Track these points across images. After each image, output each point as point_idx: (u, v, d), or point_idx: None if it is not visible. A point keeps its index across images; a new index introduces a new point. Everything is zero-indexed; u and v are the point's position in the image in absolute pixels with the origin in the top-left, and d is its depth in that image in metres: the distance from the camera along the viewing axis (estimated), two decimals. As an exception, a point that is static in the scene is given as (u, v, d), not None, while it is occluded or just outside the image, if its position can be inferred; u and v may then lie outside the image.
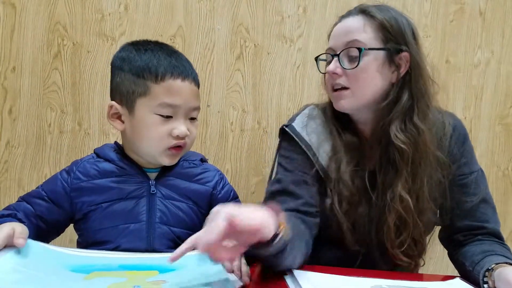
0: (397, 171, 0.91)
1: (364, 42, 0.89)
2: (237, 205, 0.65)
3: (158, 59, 0.85)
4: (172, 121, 0.86)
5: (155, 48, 0.89)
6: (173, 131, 0.85)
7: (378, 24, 0.90)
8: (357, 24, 0.91)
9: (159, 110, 0.84)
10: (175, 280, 0.69)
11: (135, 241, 0.87)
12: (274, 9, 1.49)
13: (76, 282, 0.67)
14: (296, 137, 0.98)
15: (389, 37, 0.90)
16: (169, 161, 0.90)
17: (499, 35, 1.55)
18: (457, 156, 0.96)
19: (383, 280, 0.83)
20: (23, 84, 1.43)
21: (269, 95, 1.52)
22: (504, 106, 1.56)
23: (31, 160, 1.45)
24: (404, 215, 0.90)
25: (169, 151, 0.88)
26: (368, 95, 0.91)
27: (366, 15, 0.91)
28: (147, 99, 0.85)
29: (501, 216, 1.51)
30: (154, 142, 0.86)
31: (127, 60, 0.87)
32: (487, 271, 0.81)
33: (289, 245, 0.76)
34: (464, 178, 0.96)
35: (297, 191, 0.93)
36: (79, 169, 0.91)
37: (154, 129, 0.85)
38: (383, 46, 0.90)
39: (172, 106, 0.84)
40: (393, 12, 0.92)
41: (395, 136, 0.90)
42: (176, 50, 0.92)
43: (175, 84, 0.84)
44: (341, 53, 0.91)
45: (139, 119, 0.86)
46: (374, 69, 0.90)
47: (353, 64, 0.90)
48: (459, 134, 0.98)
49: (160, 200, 0.90)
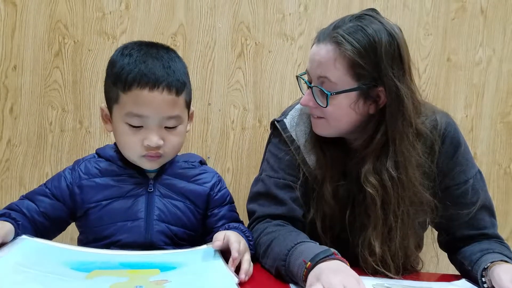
0: (368, 214, 0.87)
1: (334, 82, 0.84)
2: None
3: (131, 66, 0.81)
4: (143, 131, 0.83)
5: (140, 51, 0.85)
6: (144, 142, 0.83)
7: (350, 61, 0.81)
8: (328, 58, 0.83)
9: (127, 119, 0.82)
10: (178, 279, 0.69)
11: (133, 237, 0.88)
12: (275, 7, 1.49)
13: (78, 281, 0.66)
14: (286, 138, 0.97)
15: (361, 74, 0.82)
16: (149, 166, 0.89)
17: (500, 33, 1.54)
18: (450, 166, 0.93)
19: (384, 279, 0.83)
20: (24, 82, 1.43)
21: (270, 93, 1.51)
22: (505, 104, 1.56)
23: (32, 158, 1.45)
24: (377, 265, 0.86)
25: (146, 158, 0.86)
26: (344, 126, 0.89)
27: (338, 46, 0.82)
28: (118, 107, 0.83)
29: (502, 214, 1.53)
30: (128, 150, 0.87)
31: (111, 64, 0.87)
32: (484, 270, 0.81)
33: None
34: (460, 187, 0.93)
35: (280, 195, 0.94)
36: (80, 168, 0.93)
37: (125, 138, 0.85)
38: (355, 86, 0.83)
39: (139, 116, 0.81)
40: (373, 31, 0.81)
41: (365, 178, 0.85)
42: (163, 54, 0.86)
43: (141, 94, 0.80)
44: (313, 88, 0.88)
45: (114, 125, 0.87)
46: (346, 105, 0.85)
47: (323, 102, 0.86)
48: (451, 144, 0.93)
49: (158, 199, 0.91)
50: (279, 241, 0.83)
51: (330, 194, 0.91)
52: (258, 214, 0.95)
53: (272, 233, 0.87)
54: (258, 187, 0.98)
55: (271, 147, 1.02)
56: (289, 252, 0.77)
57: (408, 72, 0.85)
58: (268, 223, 0.92)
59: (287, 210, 0.93)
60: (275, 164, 0.98)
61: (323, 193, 0.92)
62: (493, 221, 0.95)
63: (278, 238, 0.84)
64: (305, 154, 0.96)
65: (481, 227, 0.93)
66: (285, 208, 0.93)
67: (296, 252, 0.76)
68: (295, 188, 0.94)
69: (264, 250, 0.86)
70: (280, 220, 0.93)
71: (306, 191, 0.96)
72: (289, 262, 0.76)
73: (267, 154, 1.03)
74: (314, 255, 0.71)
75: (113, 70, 0.85)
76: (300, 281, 0.72)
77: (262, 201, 0.96)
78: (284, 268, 0.77)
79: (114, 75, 0.84)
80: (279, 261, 0.79)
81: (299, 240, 0.79)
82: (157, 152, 0.85)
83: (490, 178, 1.55)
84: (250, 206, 0.98)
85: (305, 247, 0.76)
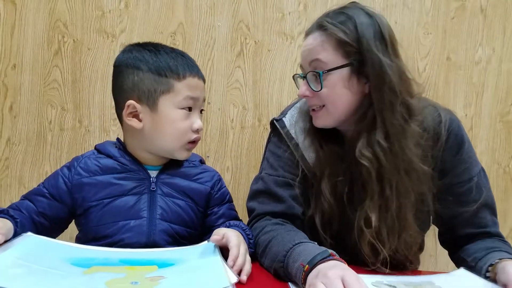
0: (365, 189, 0.88)
1: (325, 61, 0.86)
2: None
3: (174, 59, 0.91)
4: (191, 116, 0.92)
5: (166, 49, 0.94)
6: (193, 126, 0.92)
7: (336, 40, 0.85)
8: (316, 42, 0.88)
9: (183, 103, 0.90)
10: (173, 276, 0.69)
11: (136, 236, 0.88)
12: (274, 6, 1.49)
13: (76, 276, 0.67)
14: (285, 136, 0.98)
15: (350, 51, 0.85)
16: (185, 155, 0.95)
17: (500, 33, 1.54)
18: (453, 163, 0.93)
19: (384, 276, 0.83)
20: (24, 81, 1.43)
21: (270, 92, 1.51)
22: (505, 104, 1.56)
23: (31, 157, 1.45)
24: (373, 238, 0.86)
25: (187, 145, 0.93)
26: (341, 110, 0.89)
27: (323, 31, 0.87)
28: (171, 96, 0.89)
29: (501, 213, 1.53)
30: (176, 137, 0.91)
31: (143, 60, 0.90)
32: (490, 265, 0.80)
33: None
34: (464, 185, 0.93)
35: (279, 192, 0.94)
36: (80, 165, 0.92)
37: (177, 124, 0.90)
38: (345, 62, 0.85)
39: (193, 99, 0.91)
40: (354, 13, 0.86)
41: (359, 152, 0.87)
42: (183, 52, 0.97)
43: (193, 81, 0.92)
44: (307, 74, 0.89)
45: (162, 115, 0.90)
46: (341, 86, 0.87)
47: (318, 85, 0.88)
48: (455, 141, 0.93)
49: (160, 197, 0.92)
50: (277, 241, 0.83)
51: (328, 190, 0.91)
52: (258, 211, 0.95)
53: (270, 232, 0.87)
54: (257, 185, 0.99)
55: (271, 146, 1.02)
56: (287, 253, 0.77)
57: (392, 48, 0.87)
58: (267, 221, 0.92)
59: (287, 207, 0.94)
60: (274, 162, 0.98)
61: (322, 189, 0.92)
62: (494, 219, 0.95)
63: (276, 238, 0.84)
64: (304, 151, 0.96)
65: (483, 225, 0.93)
66: (285, 205, 0.94)
67: (294, 254, 0.76)
68: (295, 186, 0.95)
69: (262, 250, 0.86)
70: (279, 217, 0.93)
71: (305, 188, 0.96)
72: (287, 264, 0.76)
73: (267, 153, 1.04)
74: (311, 258, 0.70)
75: (155, 64, 0.90)
76: (299, 283, 0.72)
77: (261, 199, 0.96)
78: (282, 270, 0.77)
79: (160, 68, 0.89)
80: (278, 263, 0.79)
81: (297, 241, 0.79)
82: (200, 136, 0.95)
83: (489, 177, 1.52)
84: (250, 204, 0.99)
85: (303, 248, 0.76)
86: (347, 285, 0.62)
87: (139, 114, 0.90)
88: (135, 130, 0.91)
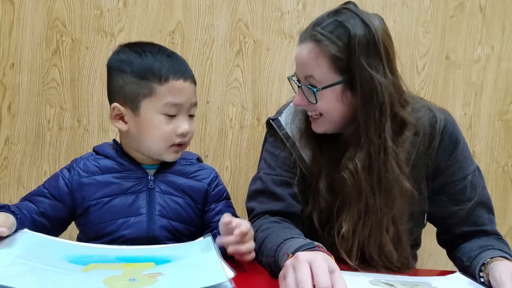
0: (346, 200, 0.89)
1: (319, 80, 0.86)
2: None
3: (159, 61, 0.88)
4: (175, 120, 0.89)
5: (153, 50, 0.91)
6: (178, 130, 0.89)
7: (330, 56, 0.84)
8: (310, 57, 0.86)
9: (165, 109, 0.87)
10: (171, 272, 0.69)
11: (136, 232, 0.89)
12: (273, 5, 1.49)
13: (74, 273, 0.67)
14: (282, 134, 0.98)
15: (343, 67, 0.84)
16: (173, 157, 0.93)
17: (499, 31, 1.54)
18: (448, 163, 0.93)
19: (381, 275, 0.83)
20: (22, 80, 1.43)
21: (269, 92, 1.51)
22: (503, 103, 1.56)
23: (30, 156, 1.45)
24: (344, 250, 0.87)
25: (173, 147, 0.91)
26: (338, 119, 0.90)
27: (318, 44, 0.84)
28: (152, 100, 0.87)
29: (500, 212, 1.53)
30: (160, 141, 0.90)
31: (128, 62, 0.89)
32: (482, 265, 0.81)
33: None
34: (457, 184, 0.93)
35: (278, 191, 0.94)
36: (79, 166, 0.93)
37: (159, 129, 0.88)
38: (339, 79, 0.85)
39: (176, 105, 0.88)
40: (350, 25, 0.83)
41: (343, 163, 0.88)
42: (173, 52, 0.94)
43: (177, 84, 0.88)
44: (302, 87, 0.90)
45: (144, 119, 0.88)
46: (334, 99, 0.87)
47: (313, 99, 0.88)
48: (449, 141, 0.93)
49: (159, 195, 0.92)
50: (271, 238, 0.83)
51: (325, 188, 0.92)
52: (257, 211, 0.95)
53: (266, 230, 0.87)
54: (256, 185, 0.99)
55: (268, 146, 1.03)
56: (278, 248, 0.77)
57: (387, 61, 0.85)
58: (265, 219, 0.92)
59: (286, 206, 0.94)
60: (272, 162, 0.98)
61: (319, 187, 0.92)
62: (491, 217, 0.95)
63: (272, 235, 0.84)
64: (301, 150, 0.96)
65: (479, 224, 0.93)
66: (284, 204, 0.94)
67: (284, 248, 0.76)
68: (293, 184, 0.95)
69: (258, 247, 0.86)
70: (279, 216, 0.93)
71: (303, 187, 0.96)
72: (277, 258, 0.77)
73: (264, 153, 1.04)
74: (296, 248, 0.71)
75: (138, 67, 0.87)
76: None
77: (260, 198, 0.97)
78: (273, 264, 0.78)
79: (142, 71, 0.87)
80: (270, 258, 0.79)
81: (289, 236, 0.79)
82: (187, 140, 0.92)
83: (488, 176, 1.55)
84: (249, 204, 0.99)
85: (293, 242, 0.76)
86: (313, 269, 0.61)
87: (124, 116, 0.90)
88: (124, 132, 0.92)
